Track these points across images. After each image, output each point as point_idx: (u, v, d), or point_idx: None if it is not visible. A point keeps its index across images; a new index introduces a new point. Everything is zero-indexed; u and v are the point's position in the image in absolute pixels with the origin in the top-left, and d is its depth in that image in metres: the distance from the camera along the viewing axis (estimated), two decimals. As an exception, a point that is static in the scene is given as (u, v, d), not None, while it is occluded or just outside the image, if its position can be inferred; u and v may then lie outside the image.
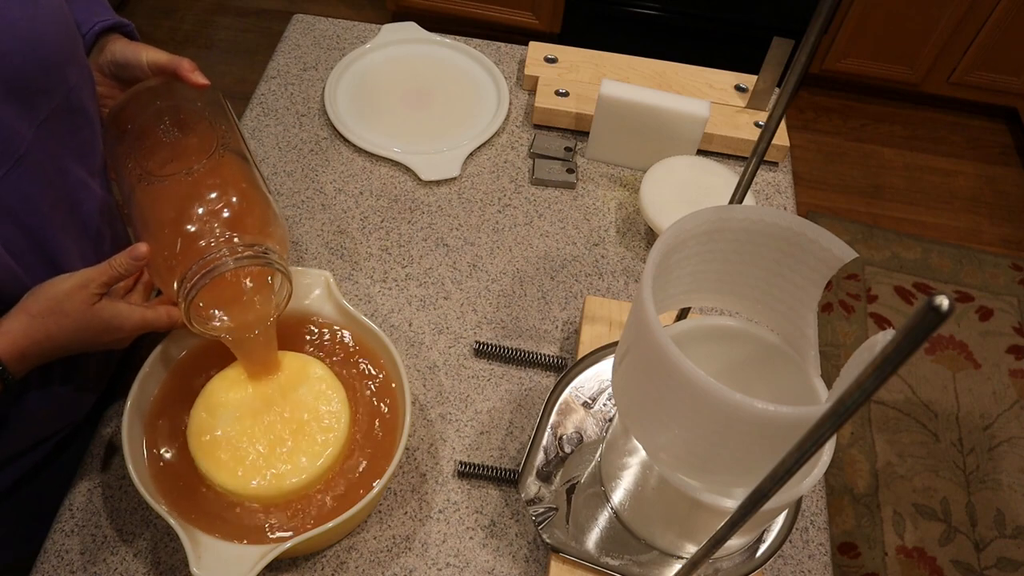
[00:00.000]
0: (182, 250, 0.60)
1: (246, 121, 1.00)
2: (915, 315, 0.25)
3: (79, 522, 0.68)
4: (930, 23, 2.18)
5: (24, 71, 0.55)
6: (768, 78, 1.01)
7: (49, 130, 0.59)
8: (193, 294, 0.59)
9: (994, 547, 1.64)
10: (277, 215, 0.67)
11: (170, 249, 0.60)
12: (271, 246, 0.62)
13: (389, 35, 1.10)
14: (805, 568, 0.71)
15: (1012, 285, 2.09)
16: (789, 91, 0.54)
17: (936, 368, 1.90)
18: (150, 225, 0.62)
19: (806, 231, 0.53)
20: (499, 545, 0.70)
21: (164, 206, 0.63)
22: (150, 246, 0.60)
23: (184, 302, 0.59)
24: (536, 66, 1.07)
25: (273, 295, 0.67)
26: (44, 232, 0.61)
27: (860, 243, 2.14)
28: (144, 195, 0.63)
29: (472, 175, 0.97)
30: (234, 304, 0.65)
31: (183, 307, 0.59)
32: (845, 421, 0.32)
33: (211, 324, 0.64)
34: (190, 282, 0.59)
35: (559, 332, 0.84)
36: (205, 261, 0.59)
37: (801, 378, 0.59)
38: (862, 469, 1.72)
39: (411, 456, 0.74)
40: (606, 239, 0.93)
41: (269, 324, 0.66)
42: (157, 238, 0.61)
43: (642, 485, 0.62)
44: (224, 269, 0.59)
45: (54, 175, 0.61)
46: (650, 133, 0.96)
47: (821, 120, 2.46)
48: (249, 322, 0.65)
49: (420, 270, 0.87)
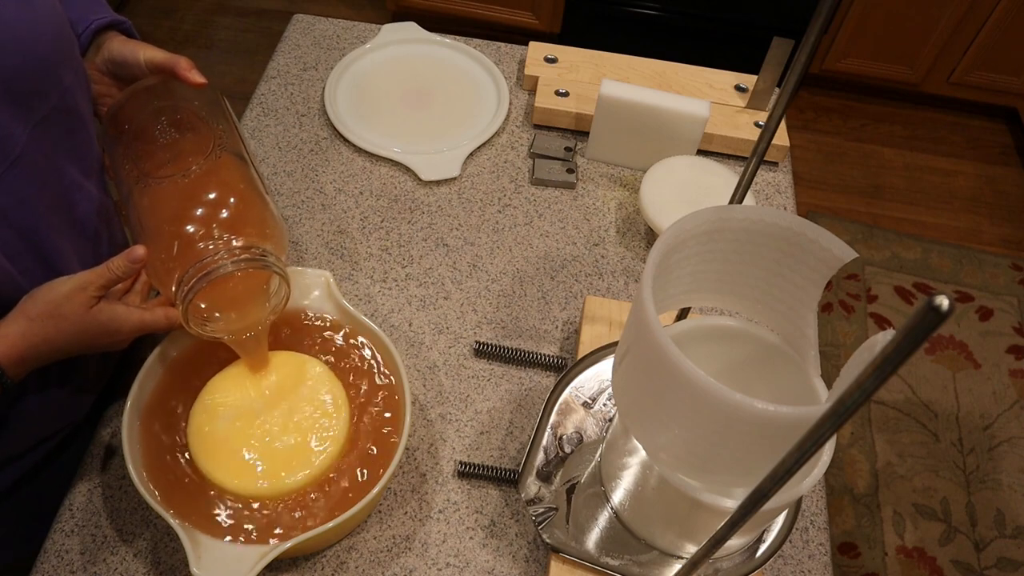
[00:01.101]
0: (179, 252, 0.60)
1: (246, 121, 1.00)
2: (915, 315, 0.25)
3: (79, 522, 0.68)
4: (930, 23, 2.18)
5: (19, 72, 0.55)
6: (768, 78, 1.01)
7: (44, 132, 0.59)
8: (191, 296, 0.59)
9: (994, 547, 1.64)
10: (275, 216, 0.66)
11: (167, 251, 0.60)
12: (269, 248, 0.62)
13: (389, 35, 1.10)
14: (805, 568, 0.71)
15: (1012, 285, 2.09)
16: (789, 91, 0.54)
17: (936, 368, 1.90)
18: (147, 227, 0.62)
19: (806, 231, 0.53)
20: (499, 545, 0.70)
21: (161, 208, 0.62)
22: (148, 248, 0.60)
23: (182, 304, 0.59)
24: (536, 66, 1.07)
25: (271, 297, 0.67)
26: (39, 233, 0.61)
27: (860, 243, 2.14)
28: (141, 196, 0.63)
29: (472, 175, 0.97)
30: (232, 306, 0.65)
31: (181, 309, 0.59)
32: (845, 421, 0.32)
33: (208, 326, 0.64)
34: (187, 284, 0.59)
35: (559, 332, 0.84)
36: (203, 264, 0.59)
37: (801, 378, 0.59)
38: (862, 469, 1.72)
39: (411, 456, 0.74)
40: (606, 239, 0.93)
41: (264, 326, 0.66)
42: (155, 240, 0.61)
43: (642, 485, 0.62)
44: (222, 272, 0.59)
45: (49, 176, 0.61)
46: (650, 133, 0.96)
47: (821, 120, 2.46)
48: (247, 324, 0.65)
49: (420, 270, 0.87)
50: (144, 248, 0.60)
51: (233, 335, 0.65)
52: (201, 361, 0.70)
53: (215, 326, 0.64)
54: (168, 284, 0.61)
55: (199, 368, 0.70)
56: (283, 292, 0.66)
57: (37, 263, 0.61)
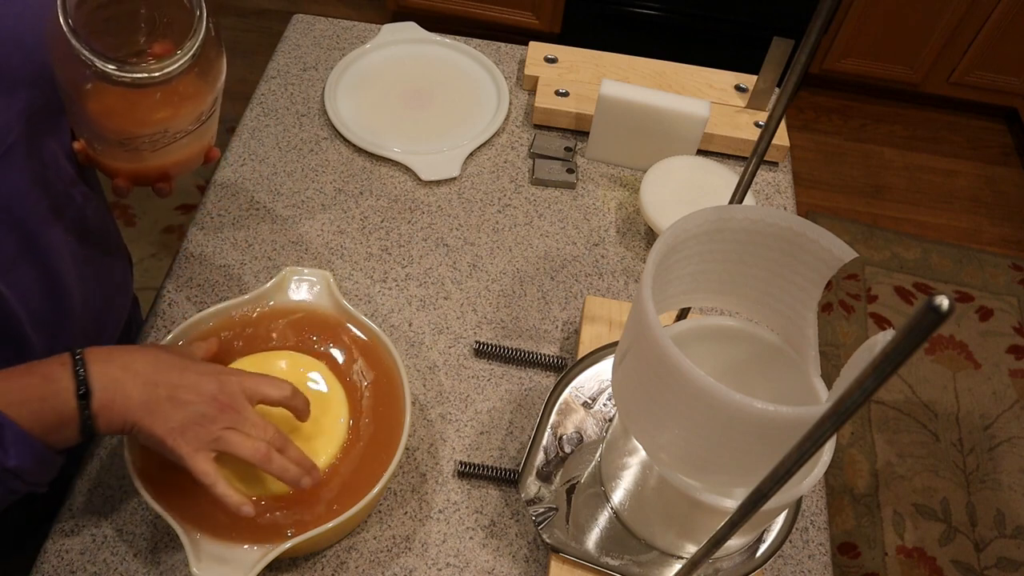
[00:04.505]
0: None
1: (246, 121, 1.00)
2: (915, 315, 0.25)
3: (79, 522, 0.68)
4: (930, 23, 2.18)
5: (9, 62, 0.55)
6: (768, 78, 1.01)
7: (36, 124, 0.59)
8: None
9: (994, 547, 1.64)
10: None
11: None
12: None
13: (389, 35, 1.10)
14: (805, 568, 0.71)
15: (1012, 285, 2.09)
16: (789, 91, 0.54)
17: (936, 368, 1.90)
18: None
19: (806, 231, 0.53)
20: (499, 545, 0.70)
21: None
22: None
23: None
24: (536, 66, 1.07)
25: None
26: (28, 225, 0.61)
27: (860, 243, 2.14)
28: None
29: (472, 175, 0.97)
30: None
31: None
32: (845, 421, 0.32)
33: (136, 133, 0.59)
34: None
35: (559, 332, 0.84)
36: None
37: (801, 378, 0.59)
38: (862, 469, 1.72)
39: (411, 456, 0.74)
40: (606, 239, 0.93)
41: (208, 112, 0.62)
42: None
43: (642, 485, 0.62)
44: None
45: (40, 169, 0.61)
46: (650, 133, 0.96)
47: (821, 120, 2.46)
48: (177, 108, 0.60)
49: (420, 270, 0.87)
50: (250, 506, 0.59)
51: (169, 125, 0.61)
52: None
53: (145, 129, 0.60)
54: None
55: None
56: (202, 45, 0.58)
57: (26, 256, 0.61)
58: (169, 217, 2.01)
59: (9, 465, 0.51)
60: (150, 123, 0.61)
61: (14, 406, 0.52)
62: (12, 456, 0.51)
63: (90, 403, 0.54)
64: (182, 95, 0.61)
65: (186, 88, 0.61)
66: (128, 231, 1.97)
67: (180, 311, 0.81)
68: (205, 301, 0.82)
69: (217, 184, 0.93)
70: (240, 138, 0.98)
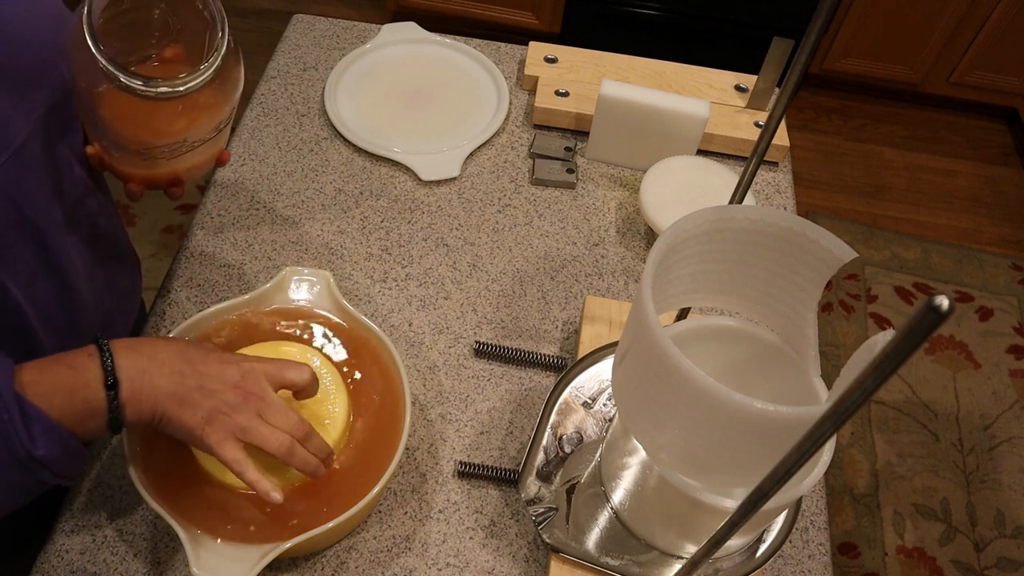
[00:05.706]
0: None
1: (246, 121, 1.00)
2: (915, 315, 0.25)
3: (79, 522, 0.68)
4: (930, 23, 2.18)
5: (19, 63, 0.55)
6: (768, 78, 1.01)
7: (46, 125, 0.59)
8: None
9: (994, 547, 1.64)
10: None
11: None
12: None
13: (389, 35, 1.10)
14: (805, 568, 0.71)
15: (1012, 285, 2.09)
16: (789, 91, 0.54)
17: (936, 368, 1.90)
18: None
19: (806, 231, 0.53)
20: (499, 545, 0.70)
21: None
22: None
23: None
24: (536, 66, 1.07)
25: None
26: (38, 226, 0.61)
27: (860, 243, 2.14)
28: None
29: (472, 175, 0.97)
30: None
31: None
32: (845, 421, 0.32)
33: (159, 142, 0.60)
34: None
35: (559, 332, 0.84)
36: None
37: (801, 378, 0.59)
38: (862, 469, 1.72)
39: (411, 456, 0.74)
40: (606, 239, 0.93)
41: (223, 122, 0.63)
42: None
43: (642, 485, 0.62)
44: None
45: (51, 169, 0.61)
46: (650, 133, 0.96)
47: (821, 120, 2.46)
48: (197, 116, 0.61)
49: (420, 270, 0.87)
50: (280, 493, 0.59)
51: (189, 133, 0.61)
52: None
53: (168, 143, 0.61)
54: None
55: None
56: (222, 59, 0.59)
57: (35, 257, 0.61)
58: (169, 217, 2.01)
59: (38, 454, 0.51)
60: (170, 133, 0.62)
61: (43, 397, 0.52)
62: (41, 446, 0.51)
63: (118, 393, 0.54)
64: (202, 106, 0.62)
65: (207, 99, 0.61)
66: (128, 231, 1.96)
67: (180, 311, 0.82)
68: (205, 301, 0.82)
69: (217, 184, 0.93)
70: (240, 138, 0.98)
